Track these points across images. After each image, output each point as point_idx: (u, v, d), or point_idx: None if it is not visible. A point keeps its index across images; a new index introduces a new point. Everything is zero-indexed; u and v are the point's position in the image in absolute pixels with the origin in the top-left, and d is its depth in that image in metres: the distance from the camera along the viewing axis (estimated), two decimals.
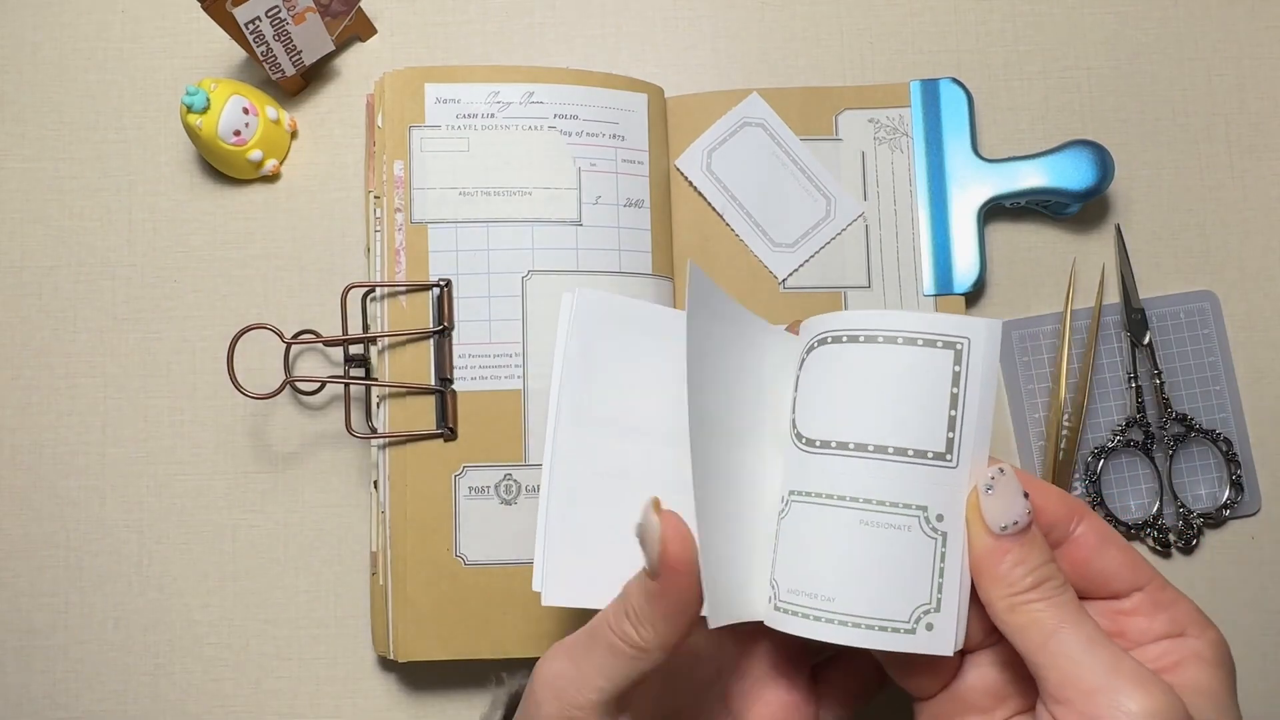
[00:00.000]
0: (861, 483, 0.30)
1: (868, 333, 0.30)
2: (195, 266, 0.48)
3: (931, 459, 0.30)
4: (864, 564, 0.29)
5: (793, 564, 0.31)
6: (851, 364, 0.30)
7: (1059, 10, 0.50)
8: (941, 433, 0.30)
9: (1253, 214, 0.48)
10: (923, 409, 0.30)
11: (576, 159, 0.44)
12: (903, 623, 0.29)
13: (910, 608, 0.29)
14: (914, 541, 0.29)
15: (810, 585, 0.30)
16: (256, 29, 0.43)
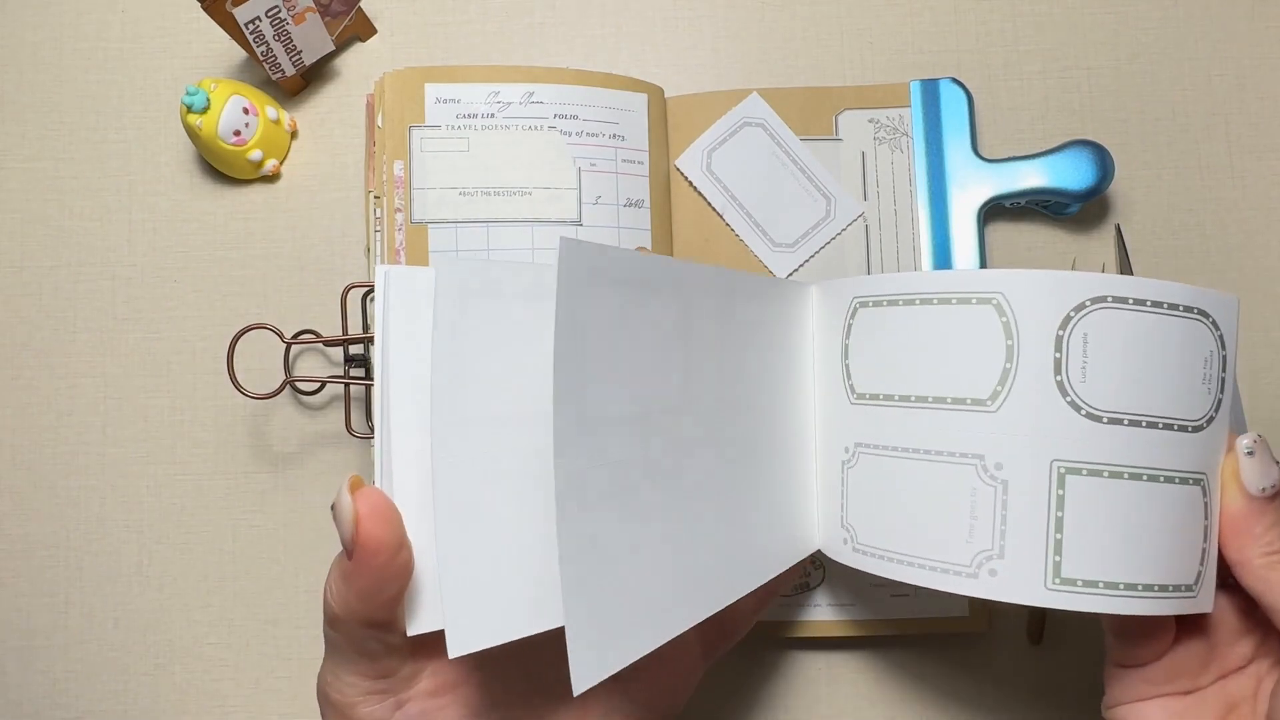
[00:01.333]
0: (1148, 451, 0.30)
1: (1137, 299, 0.30)
2: (195, 266, 0.48)
3: (1192, 429, 0.31)
4: (1152, 530, 0.30)
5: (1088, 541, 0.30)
6: (1130, 333, 0.30)
7: (1059, 10, 0.50)
8: (1210, 401, 0.31)
9: (1253, 214, 0.48)
10: (1193, 381, 0.30)
11: (576, 159, 0.44)
12: (1186, 585, 0.31)
13: (1192, 569, 0.31)
14: (1192, 503, 0.30)
15: (1114, 564, 0.30)
16: (256, 29, 0.43)
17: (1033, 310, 0.30)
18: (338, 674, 0.30)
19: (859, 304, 0.34)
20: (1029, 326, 0.30)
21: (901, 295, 0.33)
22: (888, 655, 0.46)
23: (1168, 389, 0.30)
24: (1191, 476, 0.31)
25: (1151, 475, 0.30)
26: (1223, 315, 0.31)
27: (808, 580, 0.45)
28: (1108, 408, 0.30)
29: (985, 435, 0.31)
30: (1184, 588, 0.30)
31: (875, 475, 0.33)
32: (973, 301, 0.31)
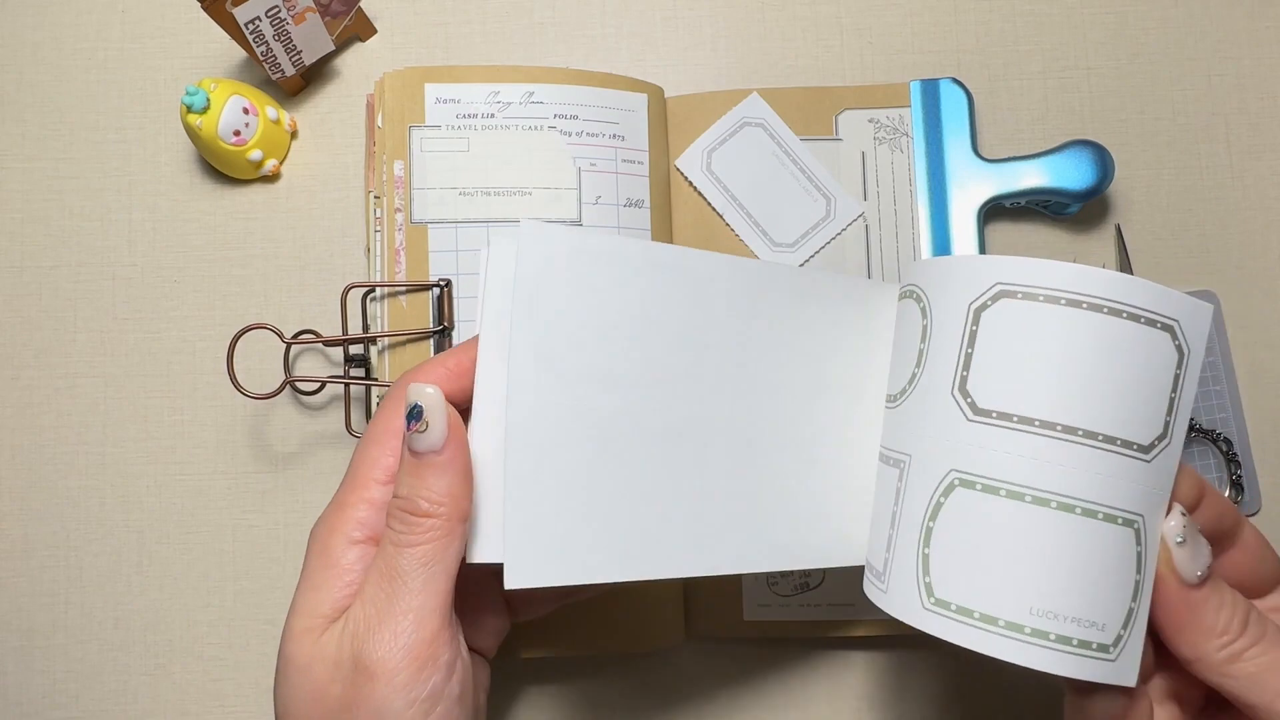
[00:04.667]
0: (1061, 473, 0.26)
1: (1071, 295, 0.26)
2: (195, 266, 0.48)
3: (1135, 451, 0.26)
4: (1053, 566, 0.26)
5: (960, 563, 0.27)
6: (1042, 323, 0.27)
7: (1059, 10, 0.50)
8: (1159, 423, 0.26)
9: (1253, 214, 0.48)
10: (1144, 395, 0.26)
11: (576, 159, 0.44)
12: (1100, 644, 0.26)
13: (1111, 629, 0.26)
14: (1118, 547, 0.26)
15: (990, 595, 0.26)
16: (256, 29, 0.43)
17: (944, 300, 0.29)
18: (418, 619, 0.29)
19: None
20: (939, 317, 0.29)
21: None
22: (887, 655, 0.46)
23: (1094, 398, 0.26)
24: (1121, 514, 0.26)
25: (1064, 504, 0.26)
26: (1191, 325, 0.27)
27: (808, 580, 0.45)
28: (1007, 409, 0.27)
29: (904, 434, 0.30)
30: (1097, 646, 0.26)
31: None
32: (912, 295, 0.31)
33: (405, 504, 0.29)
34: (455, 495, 0.29)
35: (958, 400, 0.27)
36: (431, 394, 0.29)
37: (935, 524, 0.27)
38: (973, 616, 0.26)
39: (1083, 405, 0.26)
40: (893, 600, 0.28)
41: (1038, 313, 0.26)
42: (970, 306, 0.27)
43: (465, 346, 0.32)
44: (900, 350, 0.31)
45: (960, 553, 0.27)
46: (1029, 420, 0.26)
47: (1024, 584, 0.26)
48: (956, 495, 0.27)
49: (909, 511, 0.28)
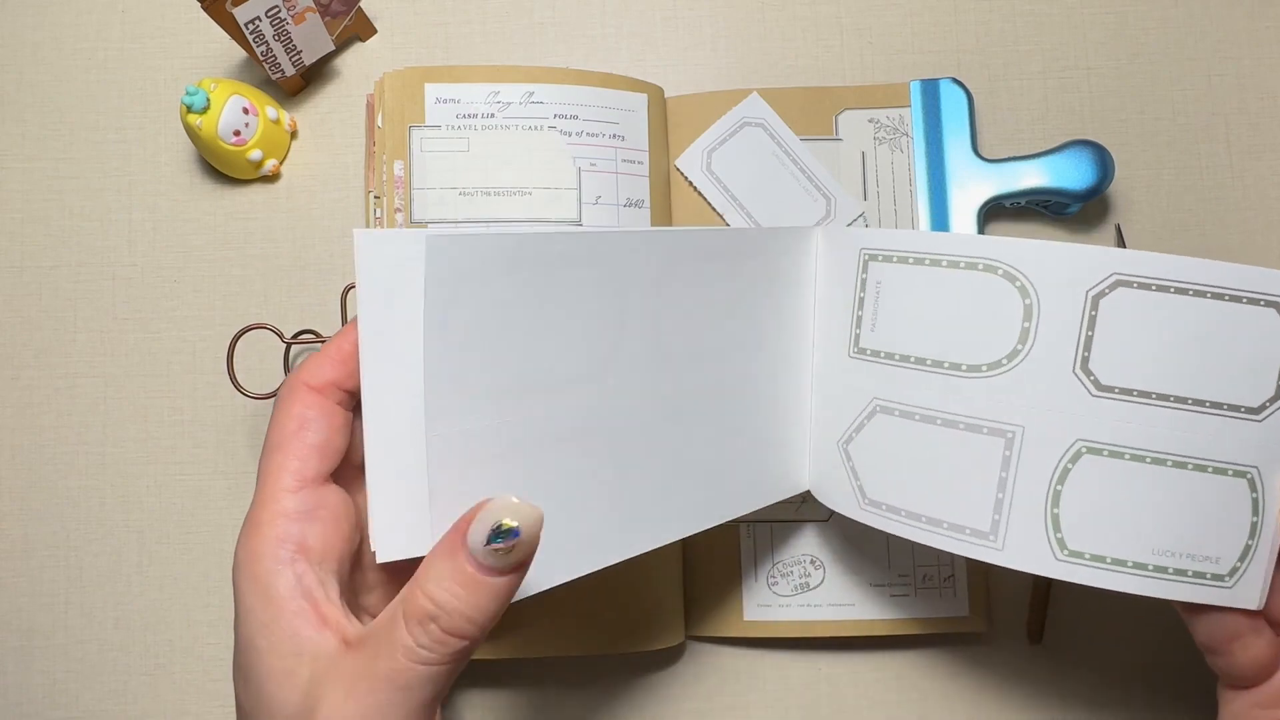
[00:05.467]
0: (1175, 436, 0.30)
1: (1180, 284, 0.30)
2: (195, 266, 0.48)
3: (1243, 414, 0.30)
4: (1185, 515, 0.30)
5: (1091, 518, 0.31)
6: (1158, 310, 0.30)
7: (1059, 10, 0.50)
8: (1271, 385, 0.30)
9: (1253, 214, 0.48)
10: (1251, 364, 0.30)
11: (576, 159, 0.44)
12: (1215, 575, 0.30)
13: (1228, 561, 0.31)
14: (1231, 496, 0.30)
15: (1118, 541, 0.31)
16: (256, 29, 0.43)
17: (1054, 285, 0.31)
18: None
19: (868, 257, 0.35)
20: (1050, 300, 0.31)
21: (913, 253, 0.34)
22: (888, 655, 0.46)
23: (1202, 370, 0.30)
24: (1231, 467, 0.30)
25: (1177, 462, 0.30)
26: None
27: (808, 580, 0.45)
28: (1128, 385, 0.30)
29: (1008, 406, 0.32)
30: (1212, 576, 0.30)
31: (892, 435, 0.34)
32: (998, 271, 0.32)
33: (443, 620, 0.27)
34: (494, 623, 0.28)
35: (1080, 378, 0.31)
36: (534, 518, 0.27)
37: (1064, 487, 0.31)
38: (1105, 562, 0.31)
39: (1192, 378, 0.30)
40: (1014, 556, 0.32)
41: (1152, 300, 0.30)
42: (1089, 294, 0.31)
43: (346, 331, 0.31)
44: (982, 322, 0.32)
45: (1091, 510, 0.31)
46: (1148, 394, 0.30)
47: (1147, 530, 0.30)
48: (1084, 461, 0.31)
49: (1030, 477, 0.31)
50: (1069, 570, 0.31)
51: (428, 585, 0.27)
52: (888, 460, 0.35)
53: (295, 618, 0.28)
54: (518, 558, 0.27)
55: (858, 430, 0.35)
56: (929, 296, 0.33)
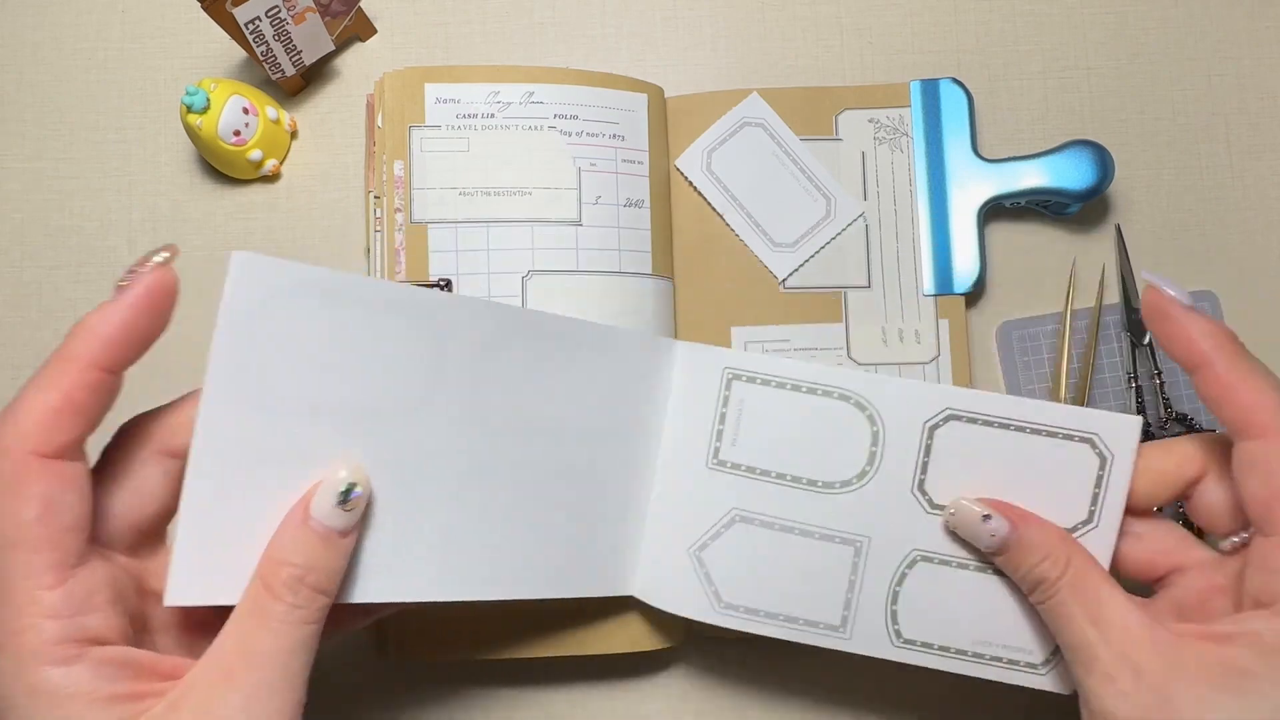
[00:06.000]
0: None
1: (1003, 420, 0.36)
2: (195, 266, 0.48)
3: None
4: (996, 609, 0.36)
5: (922, 613, 0.37)
6: (980, 441, 0.36)
7: (1059, 10, 0.50)
8: (1083, 510, 0.35)
9: (1253, 214, 0.48)
10: (1067, 489, 0.35)
11: (576, 159, 0.44)
12: (1029, 663, 0.37)
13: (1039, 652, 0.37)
14: None
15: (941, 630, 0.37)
16: (256, 29, 0.43)
17: (897, 415, 0.36)
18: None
19: (732, 376, 0.38)
20: (894, 429, 0.36)
21: (775, 378, 0.38)
22: None
23: (1022, 497, 0.35)
24: None
25: (979, 567, 0.36)
26: (1113, 436, 0.35)
27: None
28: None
29: (858, 520, 0.37)
30: (1025, 664, 0.36)
31: (751, 542, 0.38)
32: (851, 400, 0.37)
33: (308, 576, 0.29)
34: (342, 576, 0.30)
35: (917, 497, 0.36)
36: (366, 476, 0.31)
37: (901, 588, 0.37)
38: (933, 648, 0.37)
39: (1010, 498, 0.35)
40: (860, 644, 0.37)
41: (980, 433, 0.36)
42: (925, 424, 0.36)
43: (62, 376, 0.28)
44: (837, 445, 0.37)
45: (923, 607, 0.36)
46: None
47: (968, 623, 0.36)
48: (918, 567, 0.37)
49: (874, 580, 0.37)
50: (904, 654, 0.37)
51: (287, 555, 0.29)
52: (745, 566, 0.38)
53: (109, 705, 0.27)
54: (359, 512, 0.30)
55: (714, 538, 0.38)
56: (790, 418, 0.37)
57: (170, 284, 0.29)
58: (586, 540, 0.38)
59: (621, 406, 0.38)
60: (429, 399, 0.33)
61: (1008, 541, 0.34)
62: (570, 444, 0.37)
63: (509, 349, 0.35)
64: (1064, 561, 0.33)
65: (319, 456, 0.31)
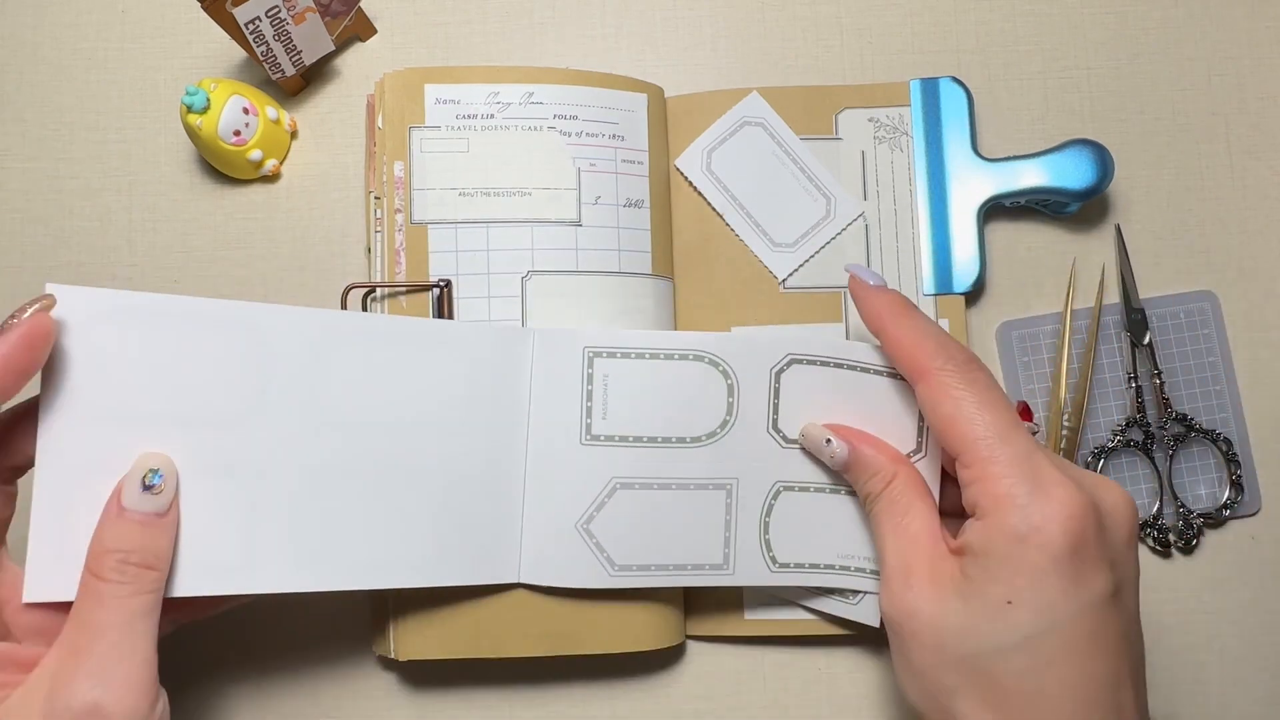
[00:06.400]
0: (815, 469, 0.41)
1: (837, 360, 0.40)
2: (195, 266, 0.48)
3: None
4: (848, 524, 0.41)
5: (790, 537, 0.41)
6: (819, 379, 0.40)
7: (1059, 10, 0.50)
8: (911, 440, 0.40)
9: (1253, 214, 0.48)
10: (890, 415, 0.40)
11: (576, 159, 0.44)
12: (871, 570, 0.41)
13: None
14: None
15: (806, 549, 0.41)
16: (256, 29, 0.43)
17: (746, 366, 0.40)
18: None
19: (593, 354, 0.40)
20: (746, 378, 0.40)
21: (634, 349, 0.40)
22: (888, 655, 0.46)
23: (865, 424, 0.40)
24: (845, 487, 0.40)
25: (834, 489, 0.40)
26: None
27: None
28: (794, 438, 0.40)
29: (725, 465, 0.40)
30: (871, 571, 0.41)
31: (633, 505, 0.40)
32: (704, 359, 0.40)
33: (132, 557, 0.32)
34: (171, 550, 0.34)
35: (773, 435, 0.40)
36: (169, 461, 0.34)
37: (770, 519, 0.40)
38: (804, 567, 0.41)
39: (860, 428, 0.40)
40: (741, 577, 0.41)
41: (819, 373, 0.40)
42: (772, 370, 0.40)
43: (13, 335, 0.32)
44: (698, 402, 0.40)
45: (789, 531, 0.40)
46: None
47: (831, 540, 0.41)
48: (782, 498, 0.40)
49: (745, 516, 0.40)
50: (780, 578, 0.41)
51: (108, 543, 0.32)
52: (632, 528, 0.40)
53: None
54: (169, 494, 0.34)
55: (598, 509, 0.40)
56: (652, 385, 0.40)
57: (46, 328, 0.32)
58: (455, 529, 0.39)
59: (479, 398, 0.40)
60: (261, 404, 0.36)
61: (848, 461, 0.38)
62: (427, 438, 0.39)
63: (339, 352, 0.37)
64: (888, 478, 0.37)
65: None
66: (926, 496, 0.37)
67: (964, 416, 0.34)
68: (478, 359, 0.40)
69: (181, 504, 0.35)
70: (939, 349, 0.36)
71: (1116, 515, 0.33)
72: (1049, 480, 0.32)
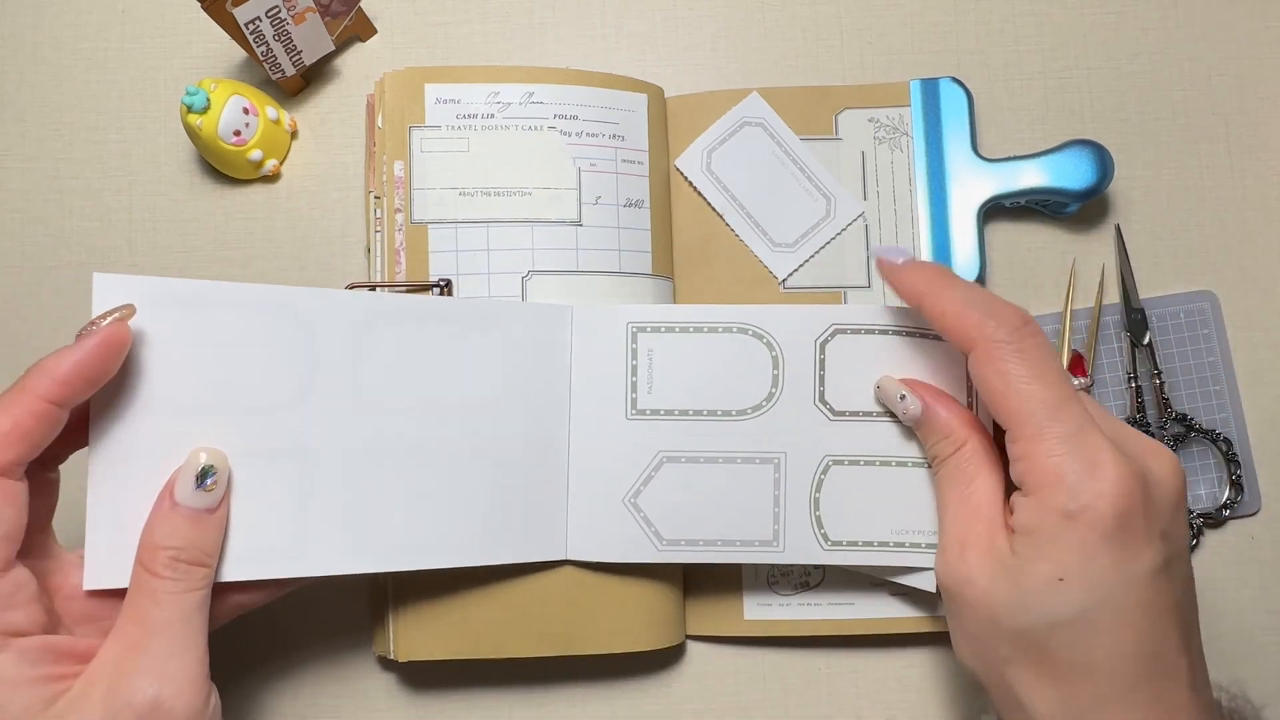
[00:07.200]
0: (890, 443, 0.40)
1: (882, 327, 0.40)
2: (195, 266, 0.48)
3: None
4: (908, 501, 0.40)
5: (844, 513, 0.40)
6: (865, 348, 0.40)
7: (1059, 10, 0.50)
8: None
9: (1253, 214, 0.48)
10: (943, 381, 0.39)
11: (576, 159, 0.44)
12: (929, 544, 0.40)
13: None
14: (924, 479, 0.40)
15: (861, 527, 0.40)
16: (256, 29, 0.43)
17: (791, 338, 0.40)
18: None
19: (636, 329, 0.40)
20: (790, 351, 0.40)
21: (678, 324, 0.40)
22: (888, 655, 0.46)
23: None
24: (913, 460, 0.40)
25: (900, 462, 0.40)
26: None
27: (808, 580, 0.45)
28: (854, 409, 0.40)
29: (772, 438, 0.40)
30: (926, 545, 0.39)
31: (681, 479, 0.40)
32: (749, 332, 0.40)
33: (184, 554, 0.33)
34: (220, 545, 0.34)
35: (820, 408, 0.40)
36: (222, 457, 0.34)
37: (820, 494, 0.40)
38: (858, 545, 0.40)
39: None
40: (793, 554, 0.40)
41: (864, 341, 0.39)
42: (816, 342, 0.40)
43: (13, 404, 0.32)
44: (743, 374, 0.40)
45: (842, 507, 0.40)
46: (870, 414, 0.40)
47: (885, 516, 0.39)
48: (832, 471, 0.40)
49: (795, 490, 0.40)
50: (833, 556, 0.40)
51: (159, 539, 0.33)
52: (679, 502, 0.40)
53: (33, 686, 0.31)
54: (221, 490, 0.34)
55: (645, 483, 0.40)
56: (697, 357, 0.40)
57: (123, 337, 0.33)
58: (501, 508, 0.40)
59: (519, 375, 0.40)
60: (308, 387, 0.36)
61: (921, 418, 0.38)
62: (468, 416, 0.39)
63: (381, 333, 0.38)
64: (958, 443, 0.36)
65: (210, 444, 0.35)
66: (995, 467, 0.36)
67: (1013, 391, 0.33)
68: (516, 337, 0.40)
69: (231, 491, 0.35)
70: (985, 317, 0.34)
71: (1165, 484, 0.33)
72: (1099, 457, 0.31)
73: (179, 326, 0.35)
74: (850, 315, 0.40)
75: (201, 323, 0.35)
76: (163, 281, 0.35)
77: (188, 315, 0.35)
